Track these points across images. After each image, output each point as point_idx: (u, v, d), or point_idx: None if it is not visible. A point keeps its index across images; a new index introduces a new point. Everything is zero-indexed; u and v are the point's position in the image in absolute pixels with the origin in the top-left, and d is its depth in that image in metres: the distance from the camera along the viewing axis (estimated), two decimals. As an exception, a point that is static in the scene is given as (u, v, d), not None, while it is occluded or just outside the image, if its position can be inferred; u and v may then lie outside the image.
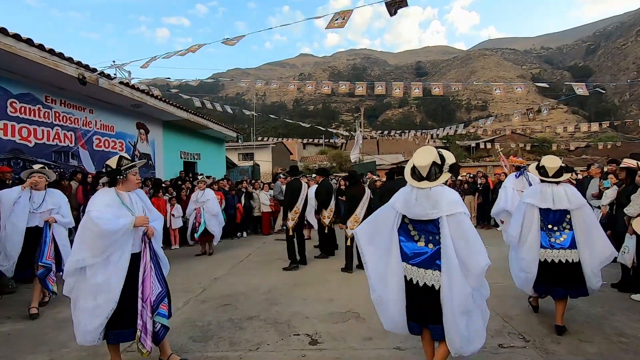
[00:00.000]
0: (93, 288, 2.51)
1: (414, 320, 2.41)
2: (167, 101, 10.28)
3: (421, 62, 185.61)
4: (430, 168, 2.39)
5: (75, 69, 6.89)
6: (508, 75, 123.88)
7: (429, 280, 2.32)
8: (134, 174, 2.83)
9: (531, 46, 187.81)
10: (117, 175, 2.73)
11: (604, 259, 3.27)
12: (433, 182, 2.39)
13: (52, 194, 4.37)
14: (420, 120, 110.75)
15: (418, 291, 2.35)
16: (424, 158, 2.43)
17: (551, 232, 3.36)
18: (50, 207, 4.25)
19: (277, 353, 3.03)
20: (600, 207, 6.04)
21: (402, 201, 2.47)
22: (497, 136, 34.53)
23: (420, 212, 2.36)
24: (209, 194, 7.49)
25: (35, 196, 4.20)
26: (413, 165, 2.48)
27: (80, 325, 2.53)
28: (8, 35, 5.52)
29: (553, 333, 3.24)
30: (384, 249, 2.50)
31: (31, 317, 3.86)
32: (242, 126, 40.95)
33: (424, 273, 2.34)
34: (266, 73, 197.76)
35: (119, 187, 2.76)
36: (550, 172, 3.43)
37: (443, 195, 2.34)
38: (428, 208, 2.34)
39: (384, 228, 2.52)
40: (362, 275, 5.42)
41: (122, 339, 2.64)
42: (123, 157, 2.82)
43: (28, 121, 6.92)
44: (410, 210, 2.41)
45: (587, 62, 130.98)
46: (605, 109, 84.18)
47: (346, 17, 5.18)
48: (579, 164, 20.90)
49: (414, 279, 2.37)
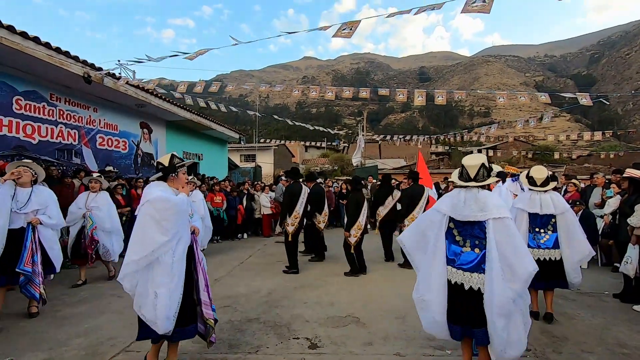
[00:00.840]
0: (168, 271, 2.52)
1: (457, 323, 2.44)
2: (171, 101, 10.32)
3: (425, 67, 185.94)
4: (479, 169, 2.52)
5: (80, 67, 6.93)
6: (511, 82, 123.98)
7: (474, 283, 2.39)
8: (183, 173, 2.88)
9: (535, 54, 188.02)
10: (170, 173, 2.79)
11: (582, 257, 3.73)
12: (479, 183, 2.51)
13: (39, 193, 3.93)
14: (422, 125, 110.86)
15: (463, 294, 2.41)
16: (474, 159, 2.59)
17: (537, 234, 3.77)
18: (36, 207, 3.84)
19: (277, 356, 3.01)
20: (603, 216, 6.02)
21: (450, 204, 2.56)
22: (500, 143, 34.53)
23: (469, 214, 2.44)
24: (197, 194, 6.94)
25: (19, 194, 3.76)
26: (462, 168, 2.61)
27: (159, 313, 2.47)
28: (15, 32, 5.56)
29: (555, 342, 3.22)
30: (429, 252, 2.57)
31: (30, 315, 3.81)
32: (244, 128, 41.02)
33: (469, 276, 2.41)
34: (270, 75, 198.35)
35: (169, 184, 2.81)
36: (537, 182, 3.83)
37: (491, 198, 2.46)
38: (476, 210, 2.42)
39: (430, 232, 2.59)
40: (363, 280, 5.44)
41: (185, 336, 2.68)
42: (175, 156, 2.87)
43: (33, 118, 6.96)
44: (458, 212, 2.49)
45: (591, 70, 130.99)
46: (609, 118, 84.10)
47: (354, 27, 5.06)
48: (581, 172, 20.84)
49: (459, 281, 2.43)
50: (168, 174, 2.79)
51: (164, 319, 2.47)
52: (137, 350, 3.10)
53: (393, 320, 3.76)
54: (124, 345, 3.21)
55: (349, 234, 5.73)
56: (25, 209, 3.73)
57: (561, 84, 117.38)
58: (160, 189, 2.68)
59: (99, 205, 5.18)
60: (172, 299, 2.52)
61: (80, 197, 5.26)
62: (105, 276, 5.52)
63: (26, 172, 3.85)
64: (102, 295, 4.70)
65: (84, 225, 5.10)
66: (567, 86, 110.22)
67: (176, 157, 2.87)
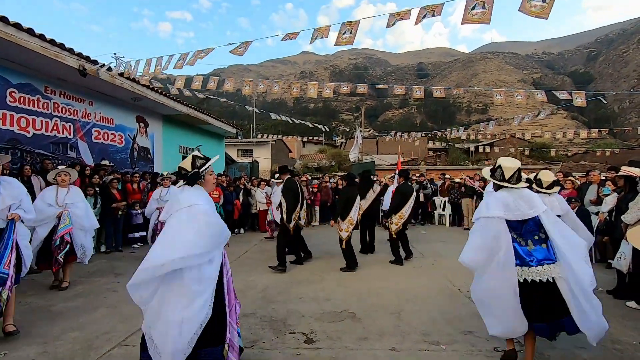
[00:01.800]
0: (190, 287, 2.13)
1: (543, 321, 2.53)
2: (168, 95, 10.25)
3: (423, 63, 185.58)
4: (515, 172, 2.72)
5: (75, 60, 6.85)
6: (509, 79, 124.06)
7: (549, 275, 2.52)
8: (210, 174, 2.61)
9: (533, 51, 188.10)
10: (197, 179, 2.47)
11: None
12: (515, 184, 2.71)
13: (8, 185, 3.37)
14: (420, 121, 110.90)
15: (542, 288, 2.52)
16: (512, 162, 2.77)
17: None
18: (9, 202, 3.30)
19: (273, 351, 3.02)
20: (598, 213, 6.06)
21: (502, 207, 2.64)
22: (497, 140, 34.61)
23: (522, 213, 2.60)
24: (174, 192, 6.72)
25: None
26: (501, 171, 2.75)
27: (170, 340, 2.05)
28: (9, 24, 5.48)
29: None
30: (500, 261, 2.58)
31: (8, 334, 3.15)
32: (242, 122, 40.85)
33: (541, 270, 2.54)
34: (267, 70, 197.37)
35: None
36: (544, 185, 3.90)
37: (534, 196, 2.68)
38: (527, 208, 2.60)
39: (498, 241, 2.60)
40: (359, 275, 5.46)
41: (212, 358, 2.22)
42: (197, 157, 2.55)
43: (27, 111, 6.89)
44: (512, 213, 2.62)
45: (588, 68, 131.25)
46: (605, 116, 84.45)
47: (354, 29, 4.97)
48: (577, 169, 20.96)
49: (535, 278, 2.53)
50: (195, 181, 2.46)
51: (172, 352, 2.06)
52: (132, 345, 3.10)
53: (388, 316, 3.78)
54: (120, 339, 3.20)
55: (342, 228, 5.77)
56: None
57: (559, 82, 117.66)
58: (202, 199, 2.39)
59: (75, 202, 4.62)
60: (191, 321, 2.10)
61: (46, 193, 4.55)
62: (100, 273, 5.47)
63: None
64: (97, 289, 4.69)
65: (55, 225, 4.46)
66: (565, 83, 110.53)
67: (199, 158, 2.55)
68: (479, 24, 4.09)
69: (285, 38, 5.40)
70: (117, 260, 6.46)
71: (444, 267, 5.92)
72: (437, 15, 4.43)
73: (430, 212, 12.12)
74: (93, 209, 6.90)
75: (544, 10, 3.81)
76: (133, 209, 7.61)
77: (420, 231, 10.25)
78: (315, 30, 5.20)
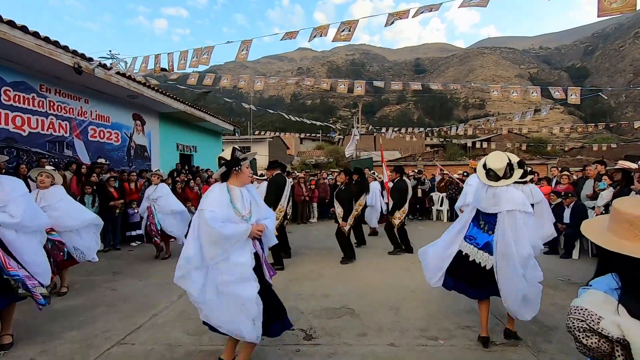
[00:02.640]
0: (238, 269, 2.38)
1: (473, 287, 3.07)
2: (164, 93, 10.19)
3: (420, 59, 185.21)
4: (506, 169, 2.97)
5: (70, 57, 6.80)
6: (506, 74, 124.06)
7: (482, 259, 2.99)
8: (247, 166, 2.68)
9: (530, 46, 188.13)
10: (234, 167, 2.59)
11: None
12: (509, 179, 2.98)
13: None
14: (417, 117, 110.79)
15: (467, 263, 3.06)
16: (499, 162, 2.99)
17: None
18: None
19: (272, 347, 3.03)
20: (595, 208, 6.09)
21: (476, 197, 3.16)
22: (494, 135, 34.67)
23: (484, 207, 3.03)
24: (162, 189, 6.43)
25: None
26: (488, 169, 3.03)
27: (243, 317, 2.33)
28: (2, 21, 5.43)
29: (545, 332, 3.28)
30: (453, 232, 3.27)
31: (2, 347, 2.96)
32: (239, 119, 40.72)
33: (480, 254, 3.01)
34: (264, 66, 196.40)
35: (231, 180, 2.63)
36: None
37: (507, 194, 2.92)
38: (491, 205, 2.97)
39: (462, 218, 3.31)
40: (358, 272, 5.47)
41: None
42: (236, 149, 2.68)
43: (22, 110, 6.84)
44: (479, 203, 3.08)
45: (585, 63, 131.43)
46: (601, 111, 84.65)
47: (352, 27, 4.97)
48: (573, 164, 21.04)
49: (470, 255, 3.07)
50: (231, 169, 2.60)
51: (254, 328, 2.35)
52: (132, 343, 3.11)
53: (387, 312, 3.80)
54: (119, 337, 3.21)
55: (346, 223, 5.98)
56: None
57: (555, 76, 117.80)
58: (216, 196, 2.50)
59: (50, 204, 4.16)
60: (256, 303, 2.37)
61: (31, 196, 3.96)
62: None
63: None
64: (97, 288, 4.69)
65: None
66: (562, 78, 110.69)
67: (237, 151, 2.68)
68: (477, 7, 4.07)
69: (284, 37, 5.37)
70: (116, 258, 6.46)
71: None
72: (435, 10, 4.43)
73: (428, 207, 12.15)
74: (91, 207, 6.88)
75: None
76: (130, 207, 7.60)
77: (418, 227, 10.28)
78: (314, 29, 5.18)
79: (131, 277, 5.21)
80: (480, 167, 3.16)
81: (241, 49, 5.52)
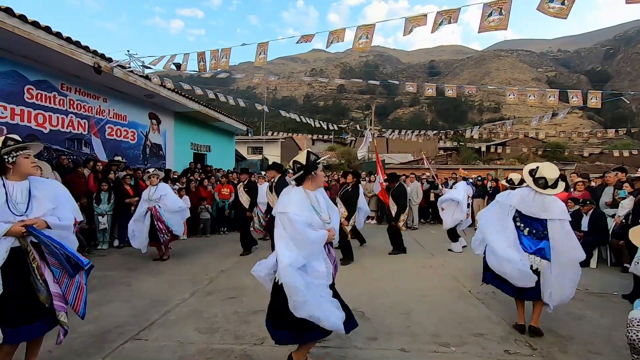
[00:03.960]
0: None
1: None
2: (180, 92, 10.35)
3: (434, 61, 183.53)
4: (557, 179, 3.27)
5: (91, 57, 6.97)
6: (523, 77, 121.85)
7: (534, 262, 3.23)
8: (321, 170, 2.68)
9: (548, 48, 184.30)
10: (310, 171, 2.58)
11: None
12: (555, 189, 3.26)
13: (40, 185, 2.54)
14: (431, 120, 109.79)
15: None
16: (554, 172, 3.27)
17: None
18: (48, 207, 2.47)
19: (281, 348, 3.03)
20: (615, 216, 5.92)
21: (519, 199, 3.35)
22: (509, 139, 33.99)
23: (533, 212, 3.26)
24: (164, 188, 6.29)
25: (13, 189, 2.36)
26: (541, 177, 3.27)
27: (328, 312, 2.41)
28: (27, 22, 5.60)
29: (561, 342, 3.20)
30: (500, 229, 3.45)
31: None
32: (252, 120, 41.02)
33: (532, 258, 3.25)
34: (278, 67, 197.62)
35: (306, 184, 2.62)
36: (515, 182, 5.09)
37: (557, 203, 3.22)
38: (539, 210, 3.23)
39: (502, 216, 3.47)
40: (368, 275, 5.44)
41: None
42: (311, 153, 2.69)
43: (44, 108, 7.04)
44: (525, 207, 3.30)
45: (606, 66, 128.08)
46: (622, 115, 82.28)
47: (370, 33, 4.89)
48: (592, 170, 20.47)
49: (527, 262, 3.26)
50: (308, 173, 2.60)
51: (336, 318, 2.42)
52: (145, 339, 3.16)
53: (398, 316, 3.77)
54: (133, 333, 3.26)
55: (348, 223, 6.20)
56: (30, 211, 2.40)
57: (574, 80, 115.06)
58: (297, 198, 2.51)
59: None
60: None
61: None
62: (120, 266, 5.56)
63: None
64: (111, 283, 4.78)
65: None
66: (580, 82, 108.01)
67: (312, 154, 2.67)
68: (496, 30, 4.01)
69: (300, 40, 5.40)
70: (130, 255, 6.57)
71: (453, 267, 5.87)
72: (454, 21, 4.35)
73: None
74: (107, 204, 7.03)
75: (562, 11, 3.73)
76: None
77: (430, 231, 10.17)
78: (330, 33, 5.19)
79: (145, 274, 5.30)
80: (527, 174, 3.40)
81: (259, 52, 5.56)
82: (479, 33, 4.16)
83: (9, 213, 2.29)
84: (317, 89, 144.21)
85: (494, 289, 4.64)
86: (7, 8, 5.25)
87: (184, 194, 8.57)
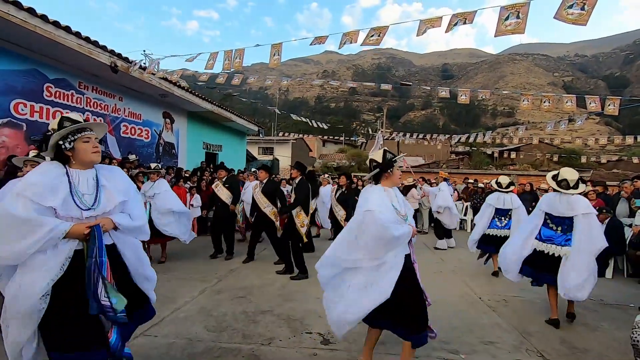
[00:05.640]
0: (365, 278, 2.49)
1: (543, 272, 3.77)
2: (193, 92, 10.48)
3: (447, 64, 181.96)
4: (578, 180, 3.69)
5: (108, 57, 7.11)
6: (538, 82, 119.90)
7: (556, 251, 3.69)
8: (397, 168, 2.66)
9: (565, 53, 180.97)
10: (388, 169, 2.62)
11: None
12: (577, 190, 3.66)
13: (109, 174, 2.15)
14: (443, 123, 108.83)
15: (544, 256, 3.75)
16: (574, 175, 3.69)
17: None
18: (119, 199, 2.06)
19: (289, 349, 3.04)
20: (632, 226, 5.77)
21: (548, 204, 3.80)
22: (523, 144, 33.44)
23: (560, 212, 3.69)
24: (161, 185, 5.87)
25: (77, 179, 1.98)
26: (563, 179, 3.69)
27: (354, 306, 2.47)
28: (48, 22, 5.74)
29: (575, 353, 3.13)
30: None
31: None
32: (263, 120, 41.27)
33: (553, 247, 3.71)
34: (290, 68, 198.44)
35: (383, 182, 2.63)
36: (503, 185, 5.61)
37: (580, 201, 3.64)
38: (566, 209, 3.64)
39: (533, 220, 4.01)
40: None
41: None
42: (387, 151, 2.70)
43: (62, 105, 7.20)
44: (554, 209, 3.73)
45: (625, 71, 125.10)
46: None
47: (382, 33, 4.87)
48: (609, 178, 20.00)
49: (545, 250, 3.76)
50: (385, 171, 2.62)
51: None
52: (154, 335, 3.19)
53: (406, 321, 3.72)
54: (143, 329, 3.29)
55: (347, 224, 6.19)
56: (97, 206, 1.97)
57: (591, 85, 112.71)
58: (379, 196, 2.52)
59: None
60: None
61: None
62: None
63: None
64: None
65: None
66: (598, 88, 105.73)
67: (389, 152, 2.69)
68: (513, 34, 3.95)
69: (314, 42, 5.40)
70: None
71: (464, 273, 5.79)
72: (469, 22, 4.30)
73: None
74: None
75: (582, 17, 3.59)
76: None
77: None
78: (343, 35, 5.18)
79: (156, 271, 5.34)
80: (551, 179, 3.82)
81: (273, 54, 5.59)
82: (495, 37, 4.10)
83: (73, 207, 1.87)
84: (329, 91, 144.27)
85: (505, 296, 4.58)
86: (29, 8, 5.39)
87: (195, 192, 8.66)
